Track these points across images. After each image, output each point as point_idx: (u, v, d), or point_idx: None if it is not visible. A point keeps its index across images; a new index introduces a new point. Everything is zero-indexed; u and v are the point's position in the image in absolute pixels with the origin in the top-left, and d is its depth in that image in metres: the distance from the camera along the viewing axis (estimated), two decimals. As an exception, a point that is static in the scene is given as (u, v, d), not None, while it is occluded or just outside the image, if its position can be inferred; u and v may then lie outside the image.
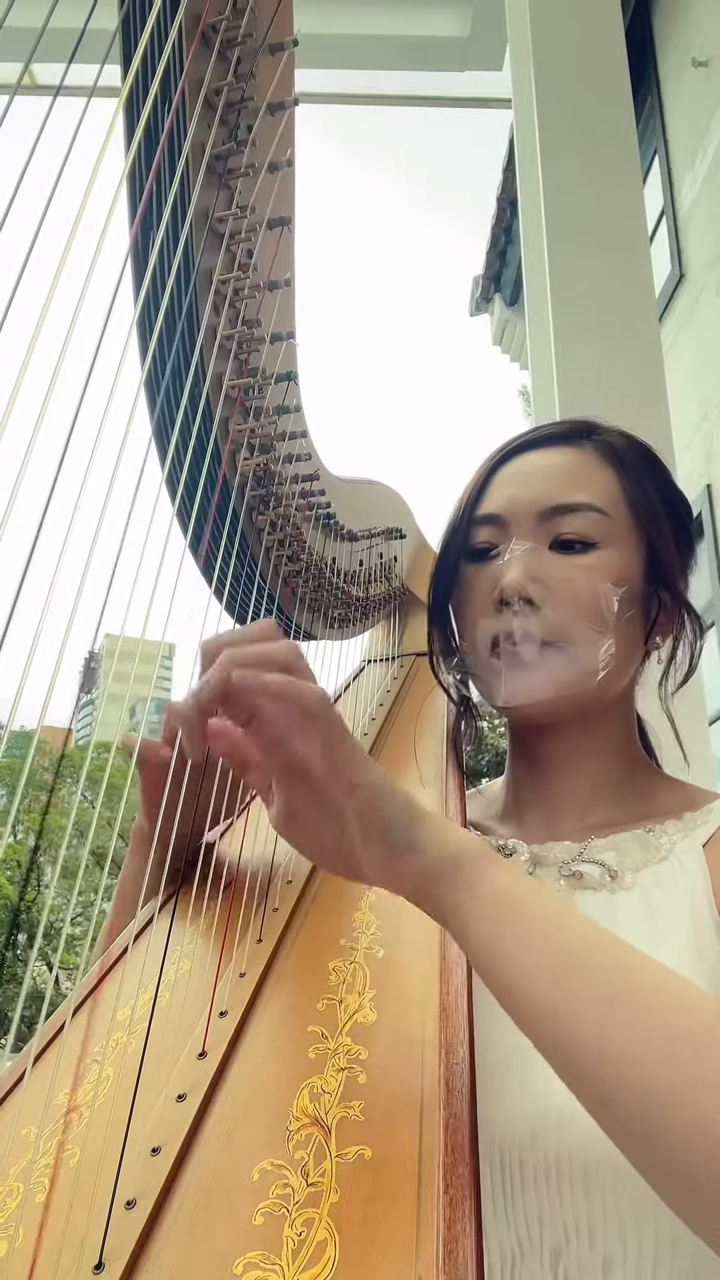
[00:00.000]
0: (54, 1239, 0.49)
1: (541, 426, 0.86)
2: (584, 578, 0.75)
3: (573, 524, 0.76)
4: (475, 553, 0.80)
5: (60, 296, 0.44)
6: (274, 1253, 0.45)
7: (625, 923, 0.69)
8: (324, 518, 0.86)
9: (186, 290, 0.61)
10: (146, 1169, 0.51)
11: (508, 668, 0.76)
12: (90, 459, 0.46)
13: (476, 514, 0.80)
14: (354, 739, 0.52)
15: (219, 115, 0.60)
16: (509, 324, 7.87)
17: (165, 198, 0.58)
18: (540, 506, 0.77)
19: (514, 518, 0.78)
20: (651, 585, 0.78)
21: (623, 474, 0.79)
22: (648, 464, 0.82)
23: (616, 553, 0.76)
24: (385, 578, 1.06)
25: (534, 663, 0.75)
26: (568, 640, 0.75)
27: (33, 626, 0.45)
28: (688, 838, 0.74)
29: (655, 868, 0.72)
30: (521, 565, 0.76)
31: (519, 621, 0.75)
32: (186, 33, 0.57)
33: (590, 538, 0.76)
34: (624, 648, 0.77)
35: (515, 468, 0.81)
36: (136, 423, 0.53)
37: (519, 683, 0.76)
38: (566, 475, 0.78)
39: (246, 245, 0.65)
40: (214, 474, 0.69)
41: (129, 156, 0.56)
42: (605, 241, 2.10)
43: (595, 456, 0.80)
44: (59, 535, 0.46)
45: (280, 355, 0.71)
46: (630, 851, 0.74)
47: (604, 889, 0.72)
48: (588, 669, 0.75)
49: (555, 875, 0.74)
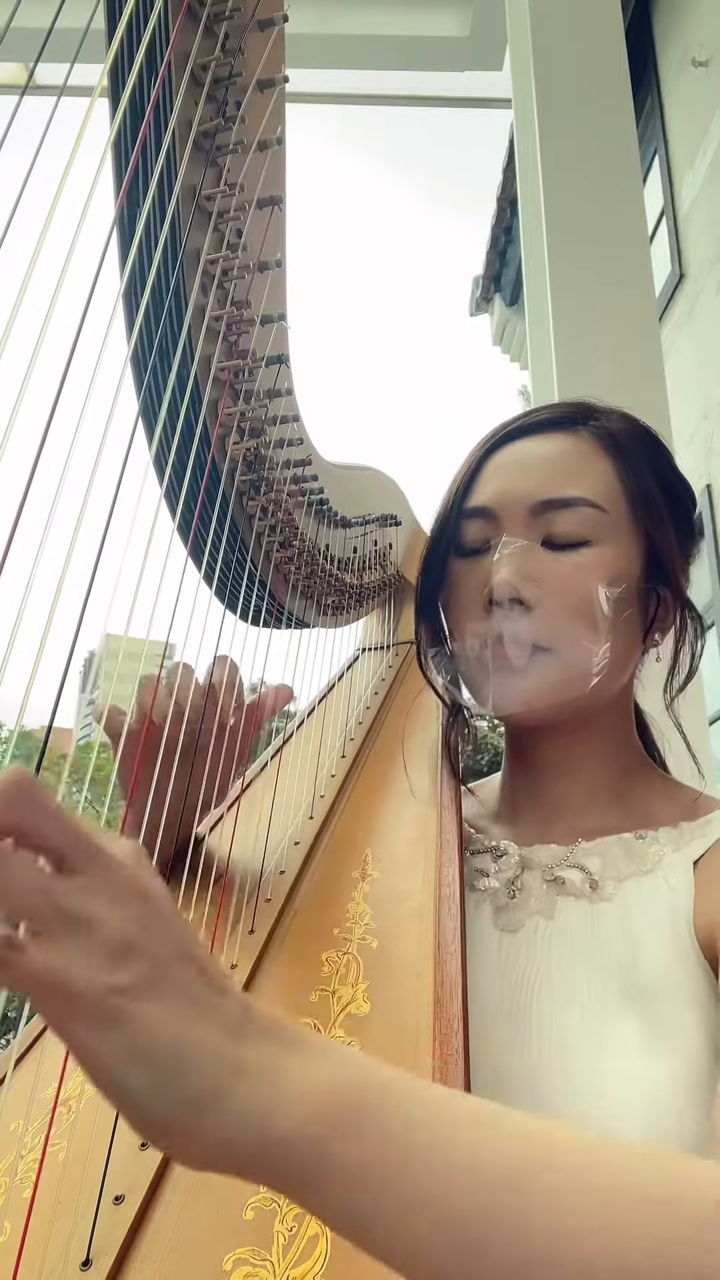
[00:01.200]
0: (41, 1235, 0.48)
1: (536, 410, 0.82)
2: (578, 577, 0.71)
3: (566, 520, 0.72)
4: (465, 547, 0.77)
5: (43, 270, 0.43)
6: (264, 1248, 0.44)
7: (606, 935, 0.68)
8: (317, 503, 0.85)
9: (174, 268, 0.60)
10: (135, 1164, 0.50)
11: (497, 672, 0.73)
12: (73, 438, 0.45)
13: (466, 506, 0.77)
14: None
15: (206, 90, 0.59)
16: (509, 324, 7.88)
17: (151, 172, 0.57)
18: (532, 500, 0.73)
19: (505, 511, 0.75)
20: (650, 582, 0.75)
21: (620, 463, 0.75)
22: (647, 449, 0.78)
23: (612, 549, 0.73)
24: (380, 565, 1.05)
25: (525, 667, 0.72)
26: (561, 644, 0.71)
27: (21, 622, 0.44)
28: (679, 851, 0.71)
29: (639, 880, 0.70)
30: (513, 564, 0.72)
31: (509, 624, 0.72)
32: (172, 6, 0.56)
33: (585, 534, 0.72)
34: (621, 648, 0.74)
35: (507, 456, 0.77)
36: (123, 402, 0.52)
37: (509, 687, 0.73)
38: (560, 466, 0.75)
39: (235, 224, 0.64)
40: (203, 457, 0.68)
41: (114, 129, 0.55)
42: (605, 241, 2.10)
43: (591, 444, 0.76)
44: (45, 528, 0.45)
45: (271, 338, 0.70)
46: (615, 859, 0.71)
47: (584, 898, 0.70)
48: (581, 673, 0.72)
49: (540, 880, 0.73)
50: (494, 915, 0.73)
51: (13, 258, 0.42)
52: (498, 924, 0.72)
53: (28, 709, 0.47)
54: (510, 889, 0.73)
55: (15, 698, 0.46)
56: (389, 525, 1.05)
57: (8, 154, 0.42)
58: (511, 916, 0.72)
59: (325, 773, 0.91)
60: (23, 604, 0.45)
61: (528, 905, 0.72)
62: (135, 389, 0.63)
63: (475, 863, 0.78)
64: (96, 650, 0.91)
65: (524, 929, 0.71)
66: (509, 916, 0.72)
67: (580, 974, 0.66)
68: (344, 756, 0.95)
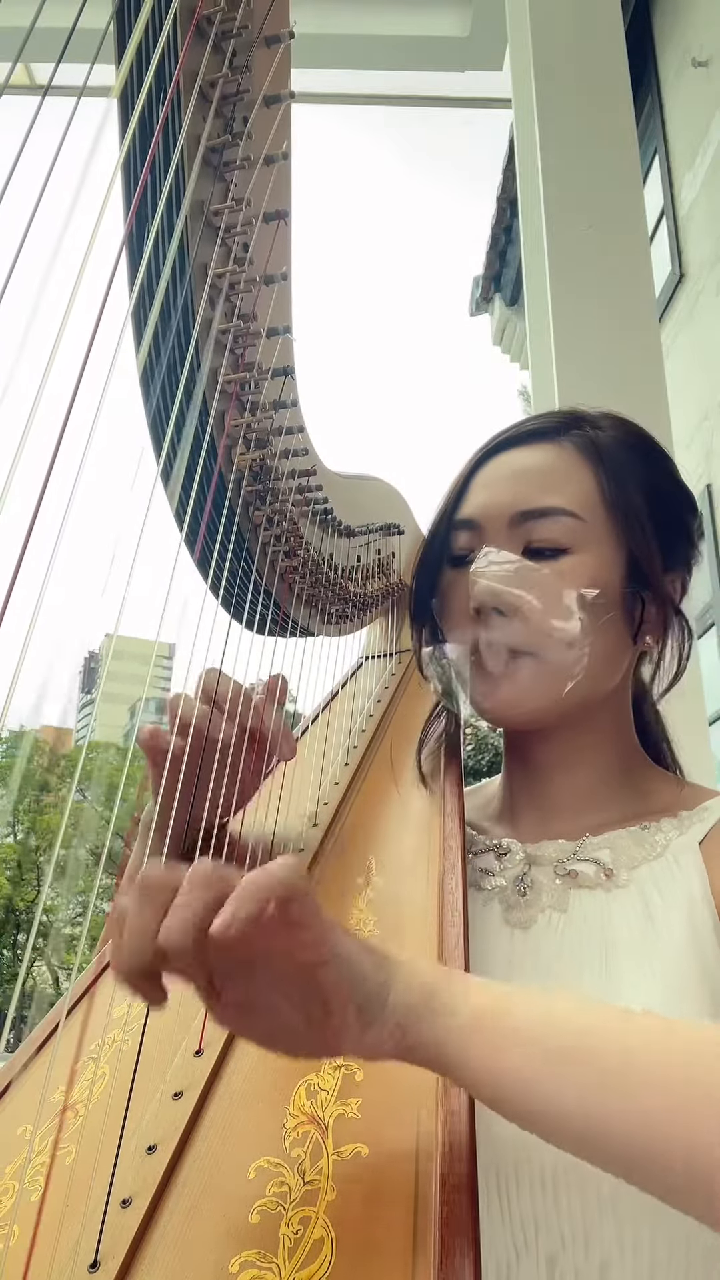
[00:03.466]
0: (49, 1238, 0.48)
1: (526, 420, 0.83)
2: (554, 584, 0.74)
3: (544, 530, 0.75)
4: (455, 558, 0.80)
5: (54, 288, 0.44)
6: (270, 1251, 0.45)
7: (622, 922, 0.69)
8: (321, 513, 0.86)
9: (182, 283, 0.61)
10: (142, 1167, 0.51)
11: (480, 677, 0.76)
12: (84, 453, 0.46)
13: (455, 518, 0.80)
14: (319, 910, 0.46)
15: (214, 107, 0.60)
16: (509, 324, 7.87)
17: (160, 190, 0.57)
18: (511, 511, 0.76)
19: (488, 523, 0.77)
20: (633, 586, 0.76)
21: (601, 472, 0.77)
22: (634, 456, 0.79)
23: (590, 557, 0.74)
24: (383, 573, 1.05)
25: (506, 672, 0.74)
26: (539, 648, 0.74)
27: (31, 626, 0.45)
28: (684, 835, 0.73)
29: (651, 865, 0.72)
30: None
31: (489, 632, 0.74)
32: (181, 24, 0.57)
33: (561, 543, 0.74)
34: (606, 650, 0.75)
35: (492, 469, 0.80)
36: (132, 416, 0.52)
37: (495, 692, 0.75)
38: (540, 477, 0.77)
39: (242, 239, 0.64)
40: (210, 469, 0.68)
41: (123, 148, 0.55)
42: (605, 241, 2.10)
43: (573, 455, 0.77)
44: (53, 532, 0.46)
45: (277, 350, 0.71)
46: (625, 849, 0.73)
47: (599, 888, 0.72)
48: (562, 675, 0.74)
49: (550, 874, 0.74)
50: (504, 913, 0.74)
51: (23, 275, 0.43)
52: (509, 921, 0.73)
53: (26, 710, 0.47)
54: (519, 886, 0.74)
55: (34, 702, 0.47)
56: (392, 534, 1.06)
57: (12, 161, 0.43)
58: (523, 913, 0.73)
59: (329, 779, 0.92)
60: (36, 607, 0.46)
61: (539, 901, 0.73)
62: (144, 403, 0.63)
63: (479, 862, 0.79)
64: (97, 651, 0.91)
65: (537, 924, 0.72)
66: (521, 913, 0.73)
67: (601, 961, 0.67)
68: (347, 764, 0.95)
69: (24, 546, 0.41)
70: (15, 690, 0.44)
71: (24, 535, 0.42)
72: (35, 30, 0.53)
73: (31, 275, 0.44)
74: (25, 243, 0.43)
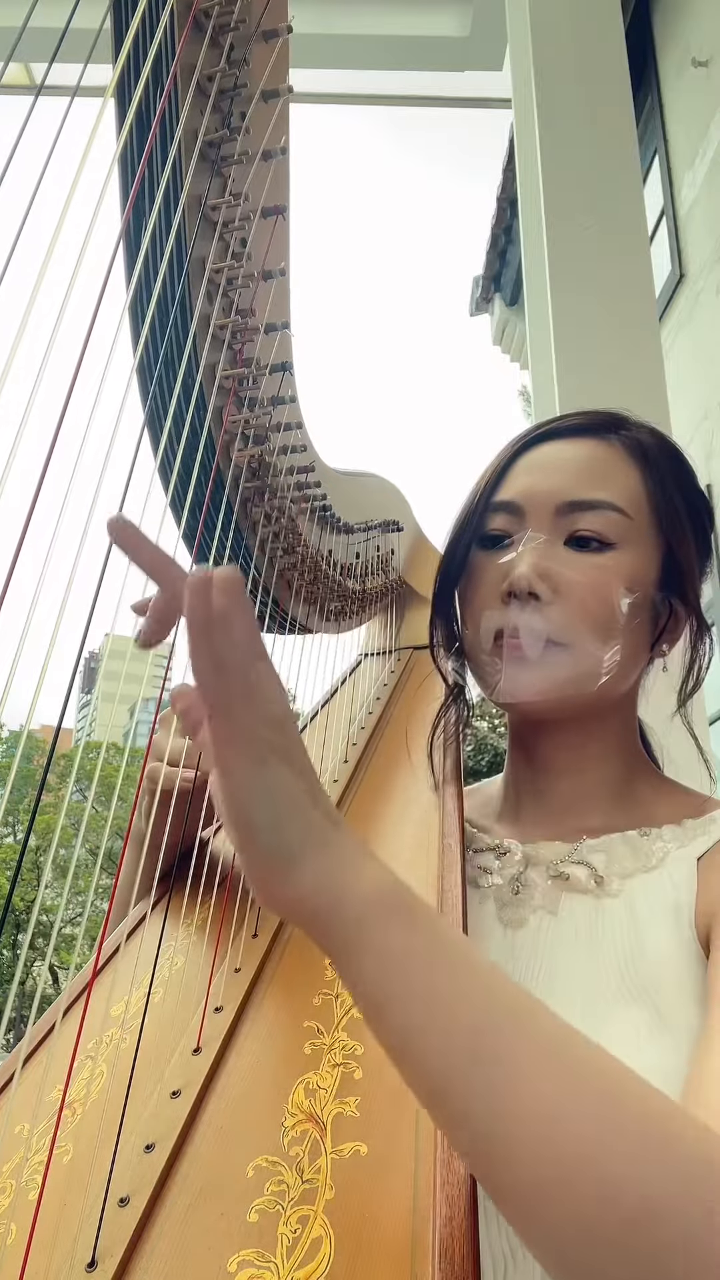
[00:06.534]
0: (47, 1236, 0.48)
1: (569, 415, 0.83)
2: (596, 578, 0.73)
3: (590, 521, 0.74)
4: (488, 539, 0.78)
5: (50, 280, 0.44)
6: (269, 1250, 0.45)
7: (611, 930, 0.68)
8: (320, 510, 0.86)
9: (179, 278, 0.60)
10: (140, 1166, 0.51)
11: (508, 662, 0.74)
12: (81, 446, 0.46)
13: (494, 500, 0.78)
14: (271, 667, 0.45)
15: (211, 102, 0.60)
16: (509, 324, 7.87)
17: (157, 183, 0.57)
18: (559, 500, 0.75)
19: (531, 508, 0.76)
20: (664, 592, 0.76)
21: (647, 473, 0.77)
22: (674, 465, 0.79)
23: (632, 555, 0.74)
24: (382, 570, 1.05)
25: (536, 660, 0.73)
26: (572, 640, 0.73)
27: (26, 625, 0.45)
28: (684, 848, 0.72)
29: (644, 876, 0.71)
30: (533, 559, 0.74)
31: (524, 617, 0.73)
32: (178, 17, 0.57)
33: (607, 537, 0.74)
34: (629, 652, 0.75)
35: (537, 456, 0.79)
36: (129, 411, 0.52)
37: (518, 678, 0.74)
38: (589, 470, 0.76)
39: (240, 234, 0.64)
40: (208, 465, 0.68)
41: (120, 140, 0.55)
42: (605, 241, 2.10)
43: (621, 453, 0.77)
44: (49, 526, 0.46)
45: (275, 346, 0.71)
46: (620, 856, 0.73)
47: (590, 894, 0.71)
48: (590, 671, 0.73)
49: (544, 876, 0.74)
50: (498, 911, 0.74)
51: (20, 268, 0.43)
52: (501, 919, 0.73)
53: (23, 710, 0.47)
54: (514, 885, 0.74)
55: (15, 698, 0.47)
56: (391, 531, 1.06)
57: (12, 159, 0.42)
58: (516, 912, 0.72)
59: (328, 777, 0.92)
60: (31, 606, 0.45)
61: (532, 901, 0.73)
62: (141, 398, 0.63)
63: (478, 861, 0.78)
64: (97, 651, 0.92)
65: (528, 924, 0.71)
66: (513, 912, 0.73)
67: (584, 968, 0.67)
68: (346, 761, 0.95)
69: (19, 545, 0.41)
70: (10, 691, 0.44)
71: (20, 534, 0.41)
72: (35, 30, 0.53)
73: (29, 269, 0.44)
74: (21, 236, 0.42)
